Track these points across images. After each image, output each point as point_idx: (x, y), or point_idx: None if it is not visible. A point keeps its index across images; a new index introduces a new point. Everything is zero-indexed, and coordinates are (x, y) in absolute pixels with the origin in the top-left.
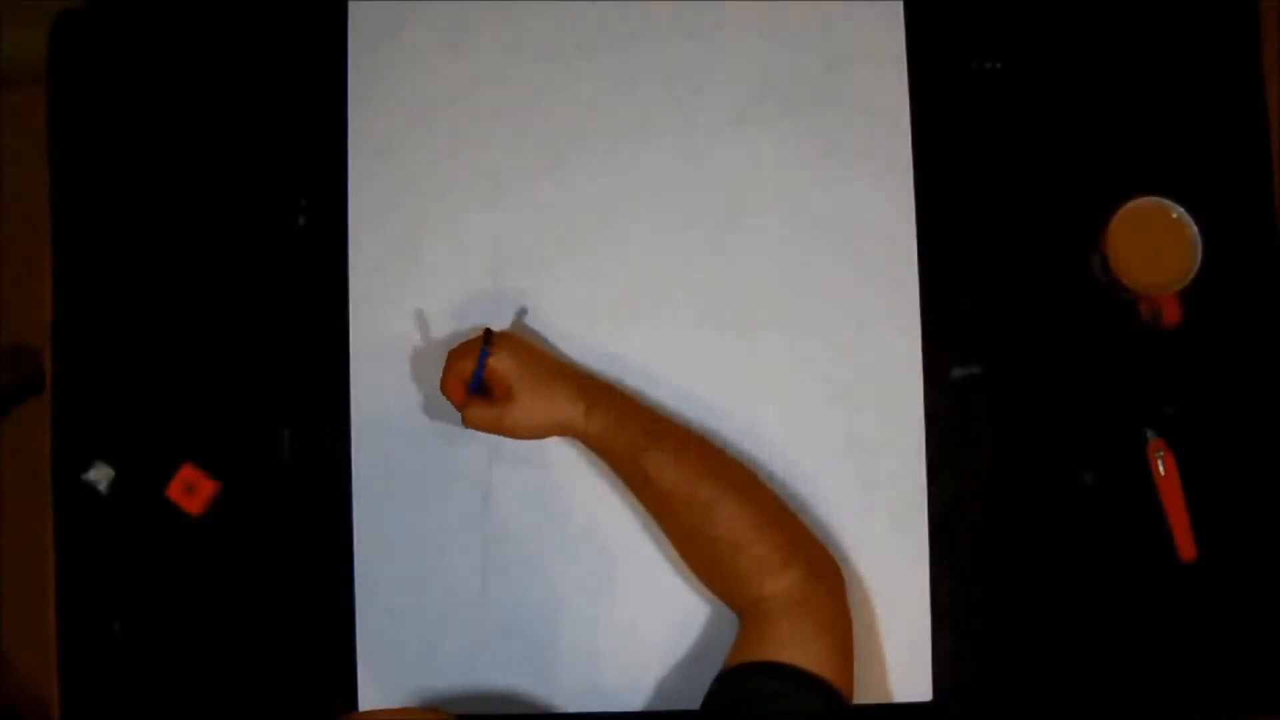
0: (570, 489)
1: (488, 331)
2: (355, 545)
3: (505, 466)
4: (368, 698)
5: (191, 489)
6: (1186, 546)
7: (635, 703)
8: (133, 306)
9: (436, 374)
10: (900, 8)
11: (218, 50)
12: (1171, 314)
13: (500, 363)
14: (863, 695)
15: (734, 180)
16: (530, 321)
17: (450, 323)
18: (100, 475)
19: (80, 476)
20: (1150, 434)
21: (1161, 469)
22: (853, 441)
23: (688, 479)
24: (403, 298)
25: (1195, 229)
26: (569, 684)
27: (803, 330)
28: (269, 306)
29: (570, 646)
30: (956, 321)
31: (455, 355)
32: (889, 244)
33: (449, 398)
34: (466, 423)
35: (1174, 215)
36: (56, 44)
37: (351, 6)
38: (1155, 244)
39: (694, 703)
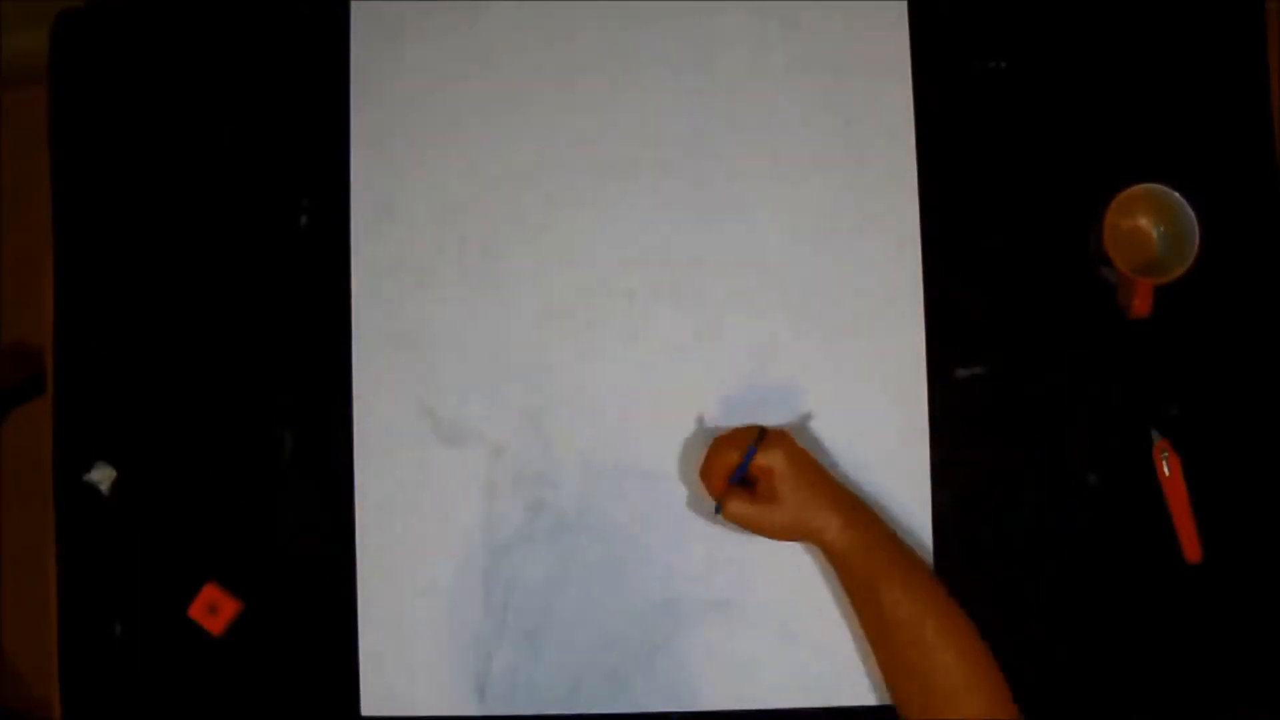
0: (571, 490)
1: (761, 430)
2: (358, 546)
3: (509, 469)
4: (370, 700)
5: (215, 610)
6: (1191, 548)
7: (638, 702)
8: (134, 307)
9: (437, 374)
10: (904, 7)
11: (219, 50)
12: (1142, 304)
13: (771, 460)
14: (863, 696)
15: (736, 180)
16: (530, 320)
17: (452, 323)
18: (102, 476)
19: (82, 477)
20: (1155, 435)
21: (1166, 470)
22: (856, 442)
23: (916, 618)
24: (405, 298)
25: (1193, 215)
26: (571, 683)
27: (806, 330)
28: (270, 306)
29: (573, 645)
30: (960, 321)
31: (723, 442)
32: (893, 244)
33: (706, 485)
34: (727, 514)
35: (1173, 200)
36: (57, 43)
37: (353, 6)
38: (1152, 227)
39: (695, 701)
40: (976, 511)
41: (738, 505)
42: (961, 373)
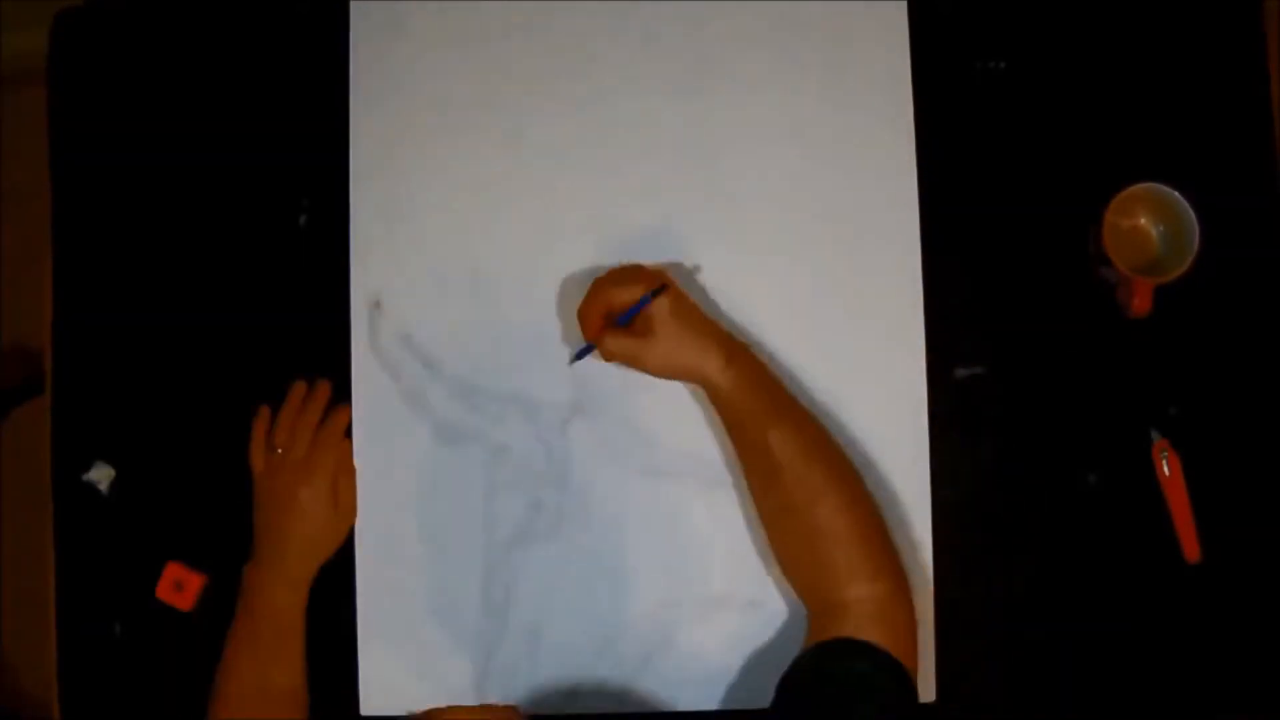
0: (571, 489)
1: (663, 284)
2: (357, 545)
3: (505, 467)
4: (369, 699)
5: (181, 586)
6: (1191, 548)
7: (638, 702)
8: (133, 306)
9: (437, 373)
10: (904, 8)
11: (219, 50)
12: (1142, 303)
13: (657, 304)
14: None
15: (737, 179)
16: (530, 319)
17: (452, 322)
18: (101, 475)
19: (81, 477)
20: (1155, 435)
21: (1166, 470)
22: (856, 442)
23: (803, 459)
24: (404, 296)
25: (1193, 215)
26: (571, 683)
27: (806, 329)
28: (270, 305)
29: (573, 645)
30: (960, 321)
31: (605, 284)
32: (893, 243)
33: (583, 324)
34: (605, 352)
35: (1173, 199)
36: (57, 43)
37: (353, 6)
38: (1152, 227)
39: (695, 701)
40: (976, 511)
41: (616, 341)
42: (961, 372)
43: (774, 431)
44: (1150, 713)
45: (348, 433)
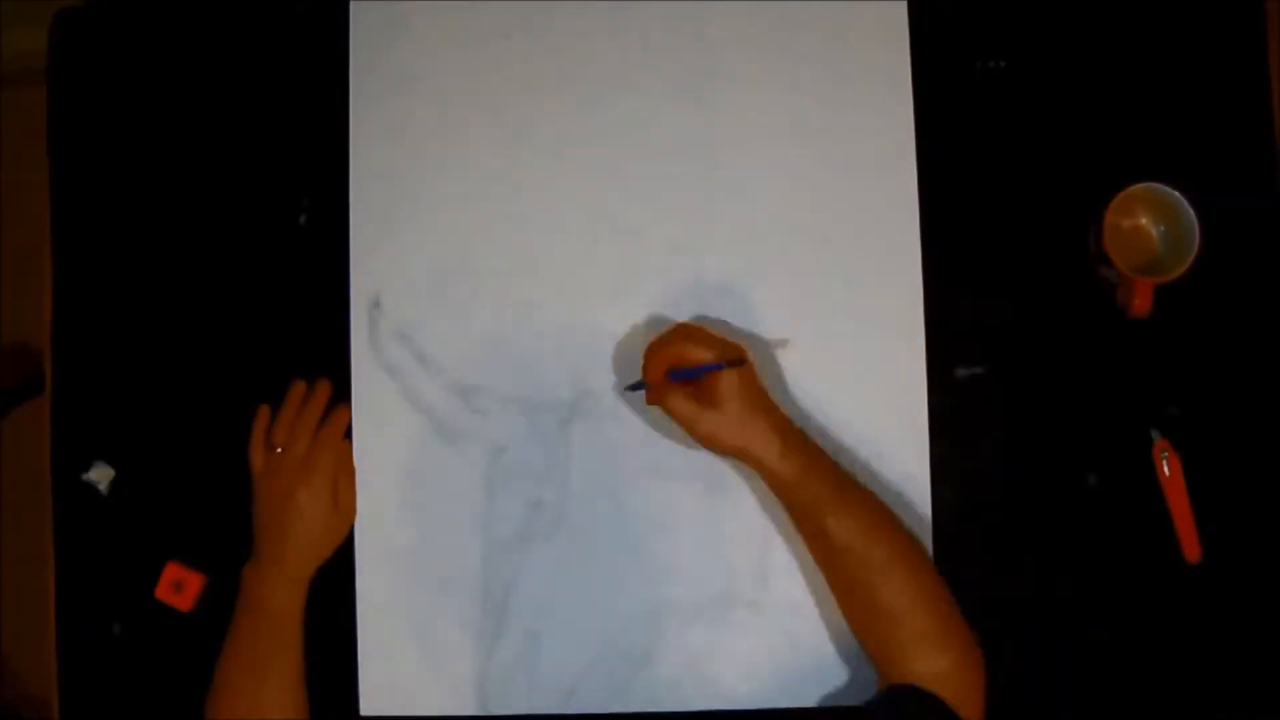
0: (570, 489)
1: (742, 358)
2: (357, 545)
3: (505, 466)
4: (369, 700)
5: (181, 586)
6: (1191, 548)
7: (637, 702)
8: (133, 306)
9: (437, 373)
10: (904, 8)
11: (219, 49)
12: (1142, 303)
13: (728, 376)
14: (863, 695)
15: (737, 179)
16: (529, 319)
17: (452, 322)
18: (100, 475)
19: (80, 477)
20: (1155, 435)
21: (1166, 470)
22: (857, 442)
23: (864, 540)
24: (404, 296)
25: (1193, 214)
26: (570, 683)
27: (806, 330)
28: (270, 305)
29: (572, 645)
30: (960, 321)
31: (682, 335)
32: (893, 244)
33: (646, 372)
34: (667, 405)
35: (1173, 199)
36: (56, 42)
37: (353, 6)
38: (1152, 227)
39: (695, 701)
40: (977, 511)
41: (679, 400)
42: (962, 372)
43: (832, 518)
44: (1150, 713)
45: (348, 433)
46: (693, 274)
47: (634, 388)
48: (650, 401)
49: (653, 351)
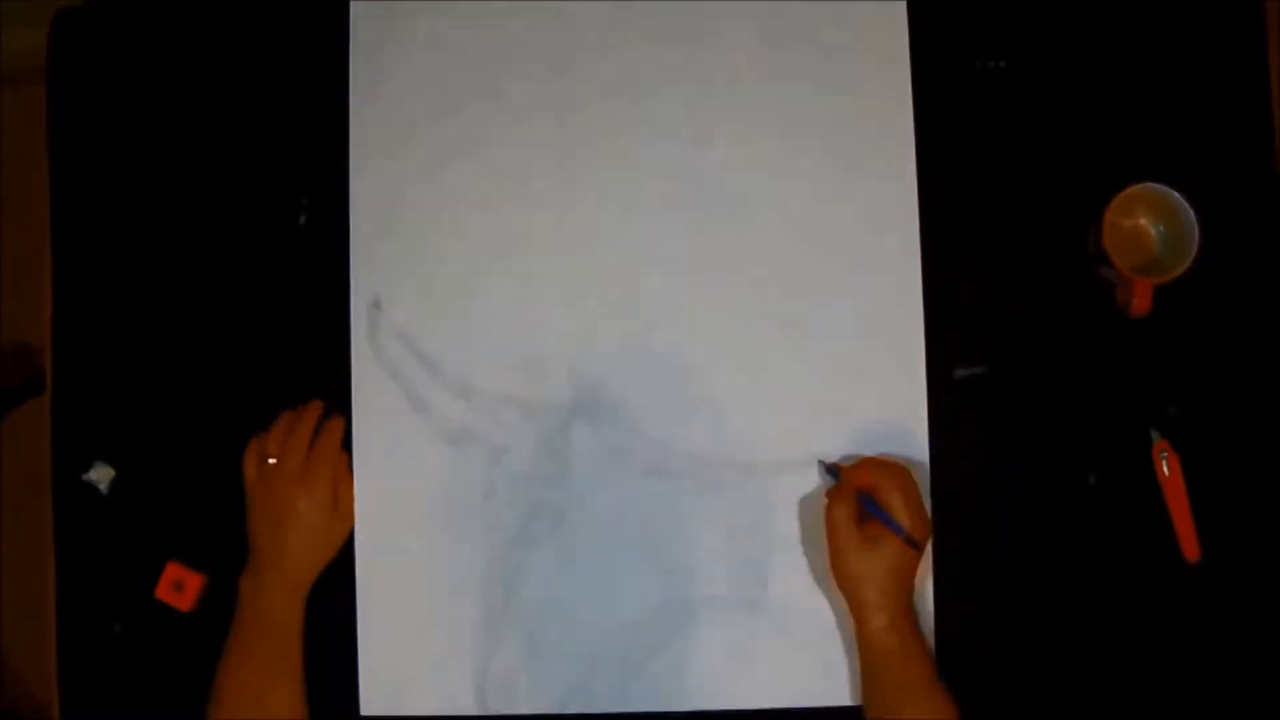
0: (571, 490)
1: (929, 532)
2: (357, 546)
3: (509, 469)
4: (369, 700)
5: (181, 586)
6: (1191, 548)
7: (638, 702)
8: (133, 306)
9: (437, 373)
10: (903, 7)
11: (219, 49)
12: (1142, 303)
13: (899, 548)
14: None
15: (737, 179)
16: (530, 320)
17: (452, 323)
18: (100, 475)
19: (80, 476)
20: (1155, 435)
21: (1166, 470)
22: (856, 442)
23: None
24: (404, 296)
25: (1192, 214)
26: (571, 684)
27: (805, 331)
28: (270, 305)
29: (573, 646)
30: (960, 322)
31: (899, 478)
32: (892, 244)
33: (853, 475)
34: (834, 512)
35: (1172, 199)
36: (56, 42)
37: (353, 6)
38: (1151, 227)
39: (695, 702)
40: (976, 511)
41: (845, 518)
42: (961, 372)
43: (910, 707)
44: (1151, 713)
45: (345, 445)
46: (694, 273)
47: (830, 470)
48: (829, 495)
49: (869, 466)
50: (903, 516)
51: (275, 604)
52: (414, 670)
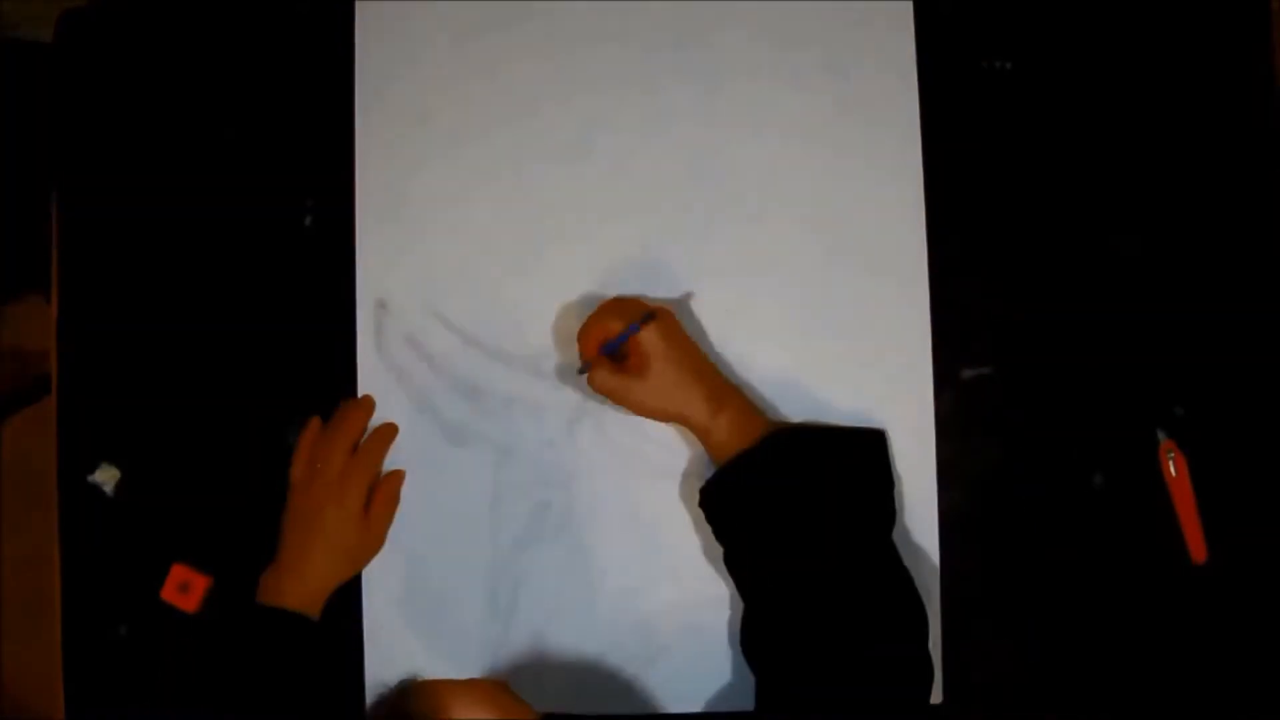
0: (577, 491)
1: (648, 313)
2: None
3: (511, 468)
4: (375, 700)
5: (186, 588)
6: (1197, 548)
7: (644, 703)
8: (138, 307)
9: (443, 375)
10: (910, 7)
11: (223, 49)
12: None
13: (648, 337)
14: None
15: (742, 179)
16: (536, 320)
17: (458, 324)
18: (106, 477)
19: (86, 478)
20: (1161, 435)
21: (1173, 470)
22: None
23: None
24: (410, 297)
25: None
26: (577, 684)
27: (811, 330)
28: (275, 306)
29: (578, 647)
30: (967, 322)
31: (607, 310)
32: (899, 244)
33: (581, 346)
34: (591, 384)
35: None
36: (60, 43)
37: (358, 6)
38: None
39: (700, 702)
40: (982, 512)
41: (603, 375)
42: (968, 373)
43: None
44: (1156, 713)
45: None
46: (698, 273)
47: (584, 371)
48: (590, 382)
49: (585, 331)
50: (620, 322)
51: (289, 604)
52: (420, 670)
